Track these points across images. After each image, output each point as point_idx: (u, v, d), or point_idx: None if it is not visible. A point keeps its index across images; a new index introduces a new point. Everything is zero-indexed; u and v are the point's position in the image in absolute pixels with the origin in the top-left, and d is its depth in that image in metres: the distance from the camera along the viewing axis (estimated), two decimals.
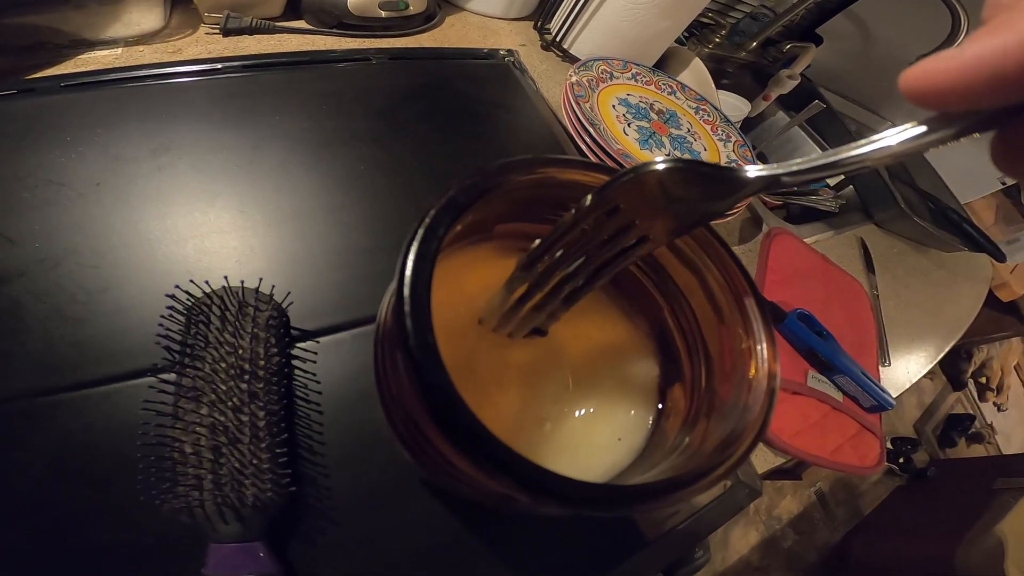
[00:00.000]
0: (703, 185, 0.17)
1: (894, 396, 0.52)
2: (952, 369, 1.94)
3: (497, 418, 0.23)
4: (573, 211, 0.19)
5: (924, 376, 0.57)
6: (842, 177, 0.79)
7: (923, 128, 0.13)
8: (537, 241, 0.20)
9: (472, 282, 0.24)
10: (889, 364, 0.56)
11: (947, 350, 0.65)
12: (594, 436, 0.25)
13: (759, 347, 0.20)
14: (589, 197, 0.19)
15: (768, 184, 0.16)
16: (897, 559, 1.22)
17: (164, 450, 0.22)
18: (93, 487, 0.23)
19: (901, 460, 1.61)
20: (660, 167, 0.17)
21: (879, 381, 0.50)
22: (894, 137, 0.13)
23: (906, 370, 0.59)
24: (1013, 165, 0.12)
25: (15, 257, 0.29)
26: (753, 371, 0.20)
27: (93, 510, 0.23)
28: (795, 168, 0.16)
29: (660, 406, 0.26)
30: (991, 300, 1.30)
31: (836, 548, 1.41)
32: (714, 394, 0.23)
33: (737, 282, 0.21)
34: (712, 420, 0.21)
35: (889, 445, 1.66)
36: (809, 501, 1.50)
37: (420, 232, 0.17)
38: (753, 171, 0.17)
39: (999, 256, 0.74)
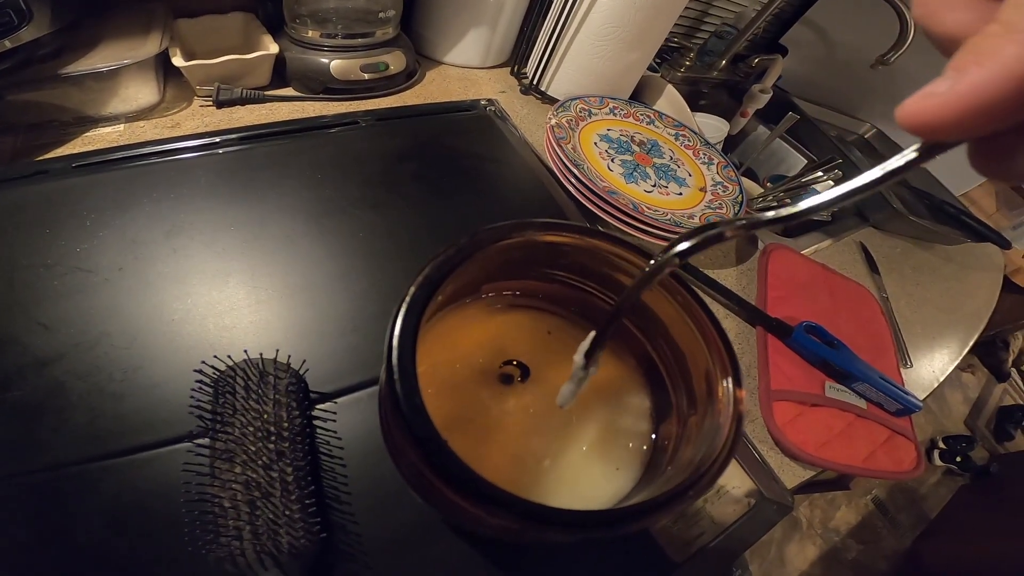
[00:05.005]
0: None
1: (922, 396, 0.52)
2: (992, 360, 1.95)
3: (499, 460, 0.26)
4: None
5: (965, 370, 0.58)
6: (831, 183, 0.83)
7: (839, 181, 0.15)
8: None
9: (465, 340, 0.28)
10: (911, 365, 0.57)
11: (971, 343, 0.65)
12: (593, 468, 0.27)
13: (723, 373, 0.24)
14: None
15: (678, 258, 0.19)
16: (973, 559, 1.22)
17: (205, 506, 0.26)
18: (145, 540, 0.27)
19: (958, 459, 1.62)
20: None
21: (902, 384, 0.51)
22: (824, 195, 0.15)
23: (931, 369, 0.59)
24: (990, 165, 0.13)
25: (53, 342, 0.33)
26: (720, 394, 0.24)
27: (147, 561, 0.27)
28: (689, 243, 0.18)
29: (654, 435, 0.29)
30: (1015, 286, 1.31)
31: (907, 554, 1.41)
32: (695, 419, 0.26)
33: (695, 312, 0.25)
34: (692, 444, 0.25)
35: (942, 445, 1.66)
36: (867, 510, 1.51)
37: (402, 309, 0.21)
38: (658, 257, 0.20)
39: (1003, 243, 0.75)
